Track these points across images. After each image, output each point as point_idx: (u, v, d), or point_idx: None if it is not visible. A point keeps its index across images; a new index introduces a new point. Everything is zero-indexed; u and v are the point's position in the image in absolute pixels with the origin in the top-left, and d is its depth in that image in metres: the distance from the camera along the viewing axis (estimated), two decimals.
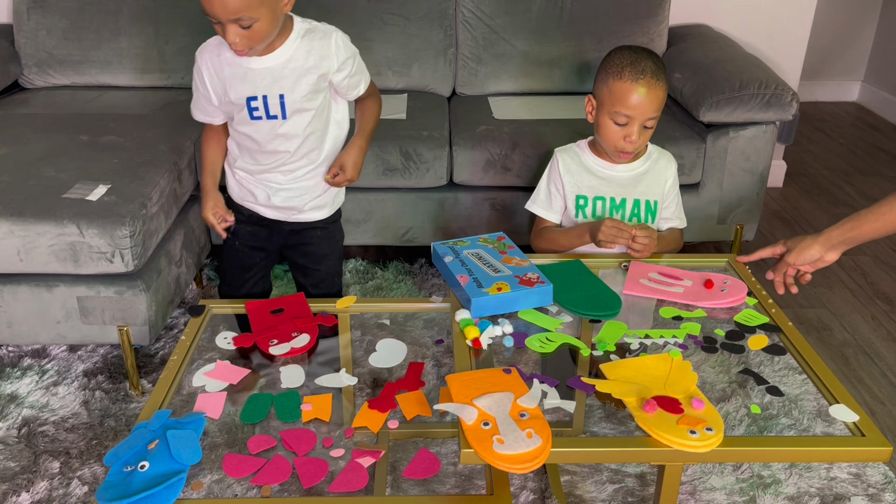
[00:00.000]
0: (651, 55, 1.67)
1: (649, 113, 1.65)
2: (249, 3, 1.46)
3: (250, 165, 1.74)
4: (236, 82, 1.62)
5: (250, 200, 1.78)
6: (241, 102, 1.63)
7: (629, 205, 1.77)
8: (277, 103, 1.63)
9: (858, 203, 3.18)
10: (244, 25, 1.48)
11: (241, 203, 1.80)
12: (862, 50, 4.36)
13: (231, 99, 1.64)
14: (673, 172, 1.83)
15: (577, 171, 1.79)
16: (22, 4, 2.65)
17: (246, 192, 1.78)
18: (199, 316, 1.55)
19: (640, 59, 1.65)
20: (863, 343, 2.29)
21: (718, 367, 1.36)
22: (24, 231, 1.80)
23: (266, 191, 1.75)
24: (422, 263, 2.61)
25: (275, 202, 1.76)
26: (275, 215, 1.79)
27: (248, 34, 1.50)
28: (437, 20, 2.71)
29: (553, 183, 1.82)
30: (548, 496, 1.69)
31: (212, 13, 1.47)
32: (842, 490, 1.71)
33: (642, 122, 1.66)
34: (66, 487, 1.70)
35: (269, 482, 1.18)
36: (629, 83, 1.63)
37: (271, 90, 1.62)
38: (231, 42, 1.51)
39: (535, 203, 1.86)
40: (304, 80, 1.63)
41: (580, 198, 1.78)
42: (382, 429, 1.31)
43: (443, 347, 1.52)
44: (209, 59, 1.64)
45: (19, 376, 2.04)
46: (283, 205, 1.76)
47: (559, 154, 1.81)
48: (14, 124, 2.33)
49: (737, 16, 2.95)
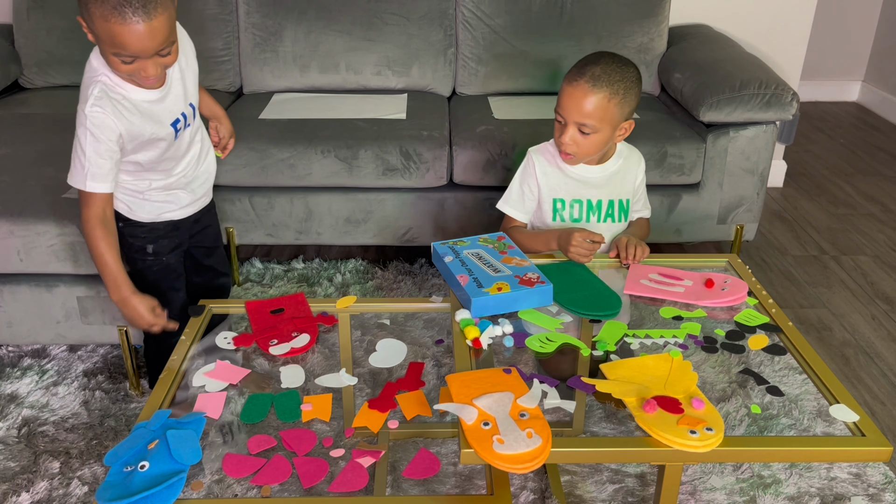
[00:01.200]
0: (606, 61, 1.63)
1: (576, 116, 1.62)
2: (171, 28, 1.40)
3: (166, 181, 1.67)
4: (153, 119, 1.54)
5: (169, 210, 1.71)
6: (167, 132, 1.57)
7: (604, 205, 1.77)
8: (191, 113, 1.63)
9: (858, 203, 3.19)
10: (164, 54, 1.43)
11: (158, 220, 1.71)
12: (862, 50, 4.36)
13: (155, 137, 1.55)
14: (642, 168, 1.83)
15: (553, 174, 1.77)
16: (22, 4, 2.66)
17: (162, 206, 1.69)
18: (199, 316, 1.55)
19: (589, 64, 1.63)
20: (863, 343, 2.29)
21: (718, 367, 1.36)
22: (24, 231, 1.80)
23: (186, 190, 1.71)
24: (422, 263, 2.61)
25: (196, 195, 1.74)
26: (189, 211, 1.75)
27: (166, 62, 1.45)
28: (437, 20, 2.71)
29: (527, 184, 1.80)
30: (548, 496, 1.69)
31: (138, 50, 1.38)
32: (842, 490, 1.71)
33: (576, 126, 1.64)
34: (66, 487, 1.70)
35: (269, 482, 1.18)
36: (565, 84, 1.63)
37: (183, 106, 1.60)
38: (151, 76, 1.43)
39: (507, 203, 1.84)
40: (194, 79, 1.64)
41: (557, 201, 1.77)
42: (382, 429, 1.31)
43: (443, 347, 1.52)
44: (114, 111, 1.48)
45: (19, 376, 2.04)
46: (199, 193, 1.75)
47: (535, 155, 1.79)
48: (14, 124, 2.33)
49: (737, 16, 2.95)
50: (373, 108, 2.56)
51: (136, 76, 1.45)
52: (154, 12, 1.34)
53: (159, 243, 1.73)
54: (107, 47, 1.40)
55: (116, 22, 1.33)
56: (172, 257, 1.77)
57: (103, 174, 1.51)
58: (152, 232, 1.71)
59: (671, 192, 2.42)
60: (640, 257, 1.64)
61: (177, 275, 1.80)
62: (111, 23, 1.33)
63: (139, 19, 1.33)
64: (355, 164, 2.31)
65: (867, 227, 2.99)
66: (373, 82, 2.74)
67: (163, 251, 1.74)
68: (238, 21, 2.71)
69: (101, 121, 1.47)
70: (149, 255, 1.72)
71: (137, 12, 1.32)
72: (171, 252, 1.76)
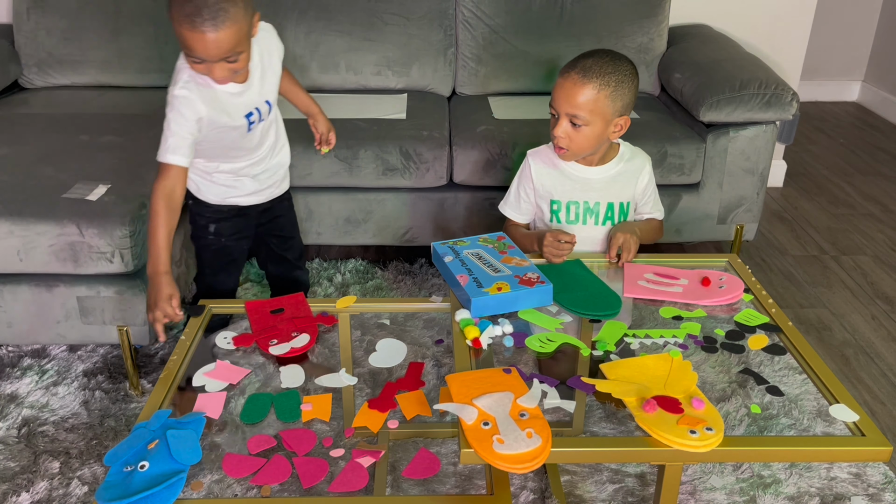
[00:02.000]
0: (604, 57, 1.63)
1: (567, 108, 1.63)
2: (238, 40, 1.50)
3: (234, 165, 1.77)
4: (230, 110, 1.64)
5: (233, 195, 1.81)
6: (240, 123, 1.67)
7: (603, 208, 1.77)
8: (266, 109, 1.73)
9: (858, 203, 3.19)
10: (231, 61, 1.52)
11: (223, 203, 1.82)
12: (862, 50, 4.36)
13: (228, 125, 1.65)
14: (648, 171, 1.81)
15: (551, 175, 1.78)
16: (22, 4, 2.65)
17: (228, 190, 1.80)
18: (199, 316, 1.55)
19: (582, 58, 1.64)
20: (863, 343, 2.29)
21: (718, 367, 1.36)
22: (24, 231, 1.80)
23: (251, 179, 1.80)
24: (422, 263, 2.61)
25: (262, 185, 1.83)
26: (254, 200, 1.85)
27: (234, 67, 1.54)
28: (437, 20, 2.71)
29: (523, 187, 1.81)
30: (548, 496, 1.69)
31: (204, 55, 1.49)
32: (842, 490, 1.71)
33: (568, 118, 1.64)
34: (66, 487, 1.70)
35: (269, 482, 1.18)
36: (560, 77, 1.65)
37: (259, 101, 1.70)
38: (218, 78, 1.54)
39: (506, 204, 1.87)
40: (275, 77, 1.74)
41: (554, 202, 1.78)
42: (382, 429, 1.31)
43: (443, 347, 1.52)
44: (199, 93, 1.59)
45: (19, 376, 2.04)
46: (266, 184, 1.84)
47: (531, 158, 1.80)
48: (14, 124, 2.33)
49: (737, 16, 2.95)
50: (373, 108, 2.56)
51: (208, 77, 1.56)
52: (222, 25, 1.45)
53: (221, 224, 1.84)
54: (181, 46, 1.52)
55: (186, 28, 1.45)
56: (232, 241, 1.87)
57: (181, 147, 1.60)
58: (217, 213, 1.82)
59: (671, 192, 2.42)
60: (625, 259, 1.65)
61: (231, 259, 1.91)
62: (182, 27, 1.46)
63: (207, 29, 1.45)
64: (355, 164, 2.31)
65: (867, 227, 2.99)
66: (373, 82, 2.74)
67: (223, 233, 1.86)
68: None
69: (187, 101, 1.58)
70: (210, 233, 1.84)
71: (206, 23, 1.44)
72: (232, 236, 1.87)
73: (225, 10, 1.44)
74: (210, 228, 1.85)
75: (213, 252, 1.89)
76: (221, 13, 1.44)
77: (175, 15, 1.46)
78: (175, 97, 1.59)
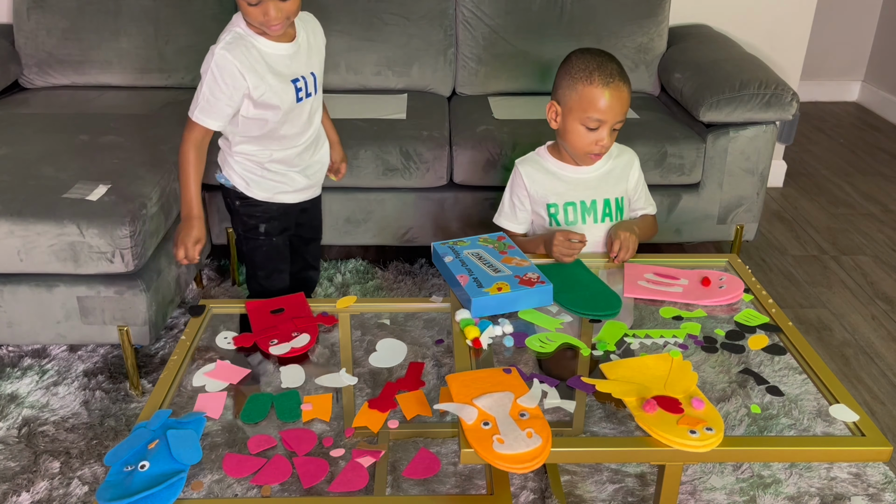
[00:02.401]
0: (612, 58, 1.67)
1: (619, 116, 1.65)
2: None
3: (285, 153, 1.76)
4: (279, 69, 1.65)
5: (283, 190, 1.80)
6: (289, 88, 1.67)
7: (600, 205, 1.77)
8: (312, 81, 1.73)
9: (858, 203, 3.19)
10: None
11: (272, 200, 1.80)
12: (862, 50, 4.36)
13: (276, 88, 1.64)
14: (637, 166, 1.82)
15: (543, 180, 1.77)
16: (22, 4, 2.65)
17: (277, 185, 1.78)
18: (199, 316, 1.56)
19: (605, 63, 1.64)
20: (863, 343, 2.29)
21: (718, 367, 1.36)
22: (24, 231, 1.80)
23: (302, 173, 1.81)
24: (422, 263, 2.61)
25: (310, 181, 1.84)
26: (300, 197, 1.85)
27: (286, 7, 1.56)
28: (437, 20, 2.71)
29: (516, 195, 1.80)
30: (548, 496, 1.69)
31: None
32: (842, 490, 1.71)
33: (612, 125, 1.65)
34: (66, 487, 1.70)
35: (269, 482, 1.18)
36: (600, 88, 1.62)
37: (306, 71, 1.71)
38: (271, 18, 1.55)
39: (500, 216, 1.86)
40: (319, 57, 1.77)
41: (550, 206, 1.77)
42: (382, 429, 1.31)
43: (443, 347, 1.52)
44: (242, 57, 1.59)
45: (19, 376, 2.04)
46: (313, 180, 1.86)
47: (521, 166, 1.80)
48: (14, 124, 2.33)
49: (737, 16, 2.95)
50: (373, 108, 2.56)
51: (262, 22, 1.57)
52: None
53: (271, 224, 1.83)
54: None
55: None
56: (281, 239, 1.88)
57: (213, 111, 1.62)
58: (266, 212, 1.81)
59: (671, 192, 2.42)
60: (623, 257, 1.65)
61: (282, 257, 1.91)
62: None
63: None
64: (355, 164, 2.31)
65: (867, 227, 2.99)
66: (373, 82, 2.74)
67: (273, 232, 1.85)
68: None
69: (225, 64, 1.59)
70: (261, 234, 1.83)
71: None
72: (280, 234, 1.87)
73: None
74: (260, 228, 1.83)
75: (264, 253, 1.87)
76: None
77: None
78: (214, 56, 1.59)
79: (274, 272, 1.91)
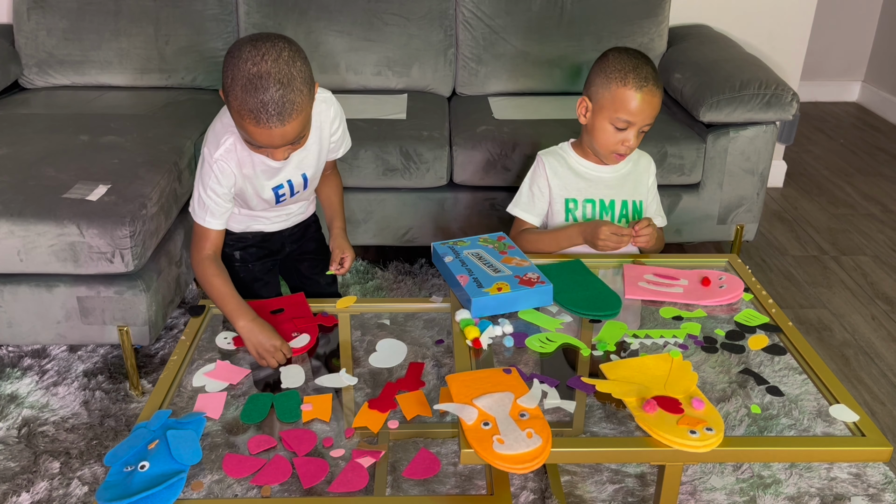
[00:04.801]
0: (648, 60, 1.68)
1: (648, 119, 1.66)
2: (304, 126, 1.40)
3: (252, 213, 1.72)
4: (262, 179, 1.58)
5: (256, 225, 1.75)
6: (268, 195, 1.61)
7: (618, 206, 1.77)
8: (301, 182, 1.64)
9: (858, 203, 3.19)
10: (296, 142, 1.43)
11: (247, 231, 1.75)
12: (862, 50, 4.36)
13: (259, 195, 1.60)
14: (653, 172, 1.84)
15: (565, 174, 1.78)
16: (22, 4, 2.66)
17: (250, 221, 1.73)
18: (199, 316, 1.56)
19: (641, 65, 1.65)
20: (863, 343, 2.29)
21: (718, 367, 1.36)
22: (24, 231, 1.80)
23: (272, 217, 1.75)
24: (422, 263, 2.61)
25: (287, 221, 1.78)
26: (279, 226, 1.78)
27: (297, 147, 1.46)
28: (437, 20, 2.71)
29: (537, 185, 1.80)
30: (548, 496, 1.69)
31: (268, 144, 1.39)
32: (842, 490, 1.71)
33: (640, 128, 1.67)
34: (66, 487, 1.70)
35: (269, 482, 1.18)
36: (633, 90, 1.63)
37: (296, 173, 1.62)
38: (279, 159, 1.44)
39: (517, 206, 1.83)
40: (319, 149, 1.63)
41: (569, 201, 1.78)
42: (382, 429, 1.31)
43: (443, 347, 1.52)
44: (233, 166, 1.53)
45: (19, 376, 2.04)
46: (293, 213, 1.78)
47: (544, 157, 1.80)
48: (14, 124, 2.33)
49: (737, 16, 2.95)
50: (373, 109, 2.56)
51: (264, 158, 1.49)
52: (289, 118, 1.34)
53: (248, 251, 1.77)
54: (240, 131, 1.42)
55: (250, 122, 1.34)
56: (259, 265, 1.80)
57: (218, 213, 1.57)
58: (241, 241, 1.75)
59: (671, 192, 2.42)
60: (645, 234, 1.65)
61: (262, 283, 1.82)
62: (245, 120, 1.35)
63: (273, 125, 1.33)
64: (355, 164, 2.31)
65: (867, 227, 2.99)
66: (373, 82, 2.74)
67: (250, 259, 1.78)
68: (238, 21, 2.71)
69: (226, 170, 1.52)
70: (236, 260, 1.76)
71: (272, 119, 1.32)
72: (259, 260, 1.80)
73: (291, 102, 1.33)
74: (236, 256, 1.76)
75: (241, 279, 1.76)
76: (288, 106, 1.32)
77: (235, 105, 1.34)
78: (216, 162, 1.51)
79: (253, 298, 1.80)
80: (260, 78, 1.30)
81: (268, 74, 1.30)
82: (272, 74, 1.30)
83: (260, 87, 1.30)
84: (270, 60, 1.31)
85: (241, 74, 1.31)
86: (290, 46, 1.35)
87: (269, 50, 1.32)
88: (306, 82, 1.36)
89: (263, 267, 1.82)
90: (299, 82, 1.34)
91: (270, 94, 1.30)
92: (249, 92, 1.31)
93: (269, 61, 1.31)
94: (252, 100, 1.31)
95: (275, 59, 1.31)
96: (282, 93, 1.31)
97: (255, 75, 1.30)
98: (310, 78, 1.38)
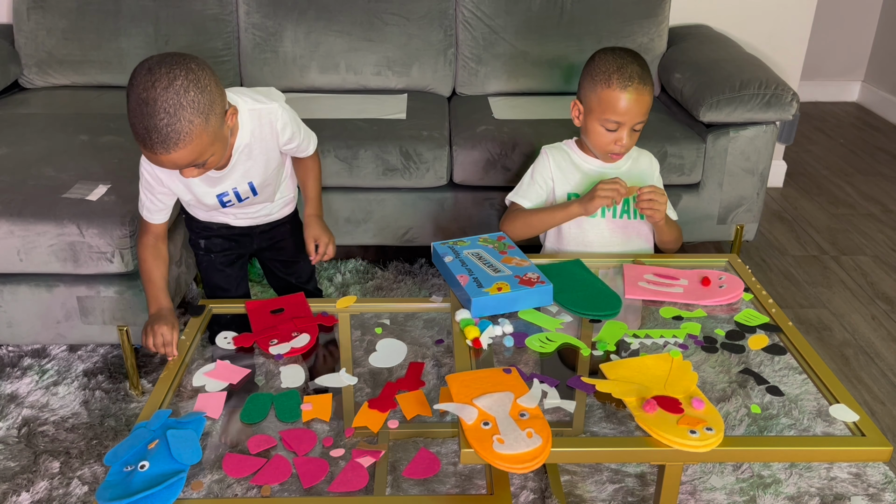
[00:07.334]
0: (636, 58, 1.67)
1: (638, 118, 1.66)
2: (199, 152, 1.37)
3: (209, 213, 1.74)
4: (203, 186, 1.58)
5: (221, 218, 1.75)
6: (212, 202, 1.63)
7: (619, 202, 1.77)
8: (248, 189, 1.64)
9: (858, 203, 3.19)
10: (199, 165, 1.41)
11: (211, 220, 1.76)
12: (862, 50, 4.36)
13: (200, 200, 1.61)
14: (657, 169, 1.85)
15: (568, 169, 1.79)
16: (22, 4, 2.66)
17: (213, 212, 1.73)
18: (199, 316, 1.56)
19: (626, 65, 1.64)
20: (863, 343, 2.29)
21: (718, 367, 1.36)
22: (24, 231, 1.80)
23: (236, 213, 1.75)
24: (422, 263, 2.61)
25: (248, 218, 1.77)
26: (246, 223, 1.78)
27: (204, 169, 1.44)
28: (437, 20, 2.71)
29: (541, 176, 1.80)
30: (548, 496, 1.69)
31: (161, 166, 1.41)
32: (842, 490, 1.71)
33: (632, 126, 1.67)
34: (66, 487, 1.70)
35: (269, 482, 1.18)
36: (618, 90, 1.62)
37: (240, 182, 1.61)
38: (188, 176, 1.43)
39: (515, 194, 1.83)
40: (266, 159, 1.62)
41: (571, 195, 1.78)
42: (382, 429, 1.31)
43: (443, 347, 1.52)
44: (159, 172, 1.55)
45: (19, 376, 2.04)
46: (255, 216, 1.78)
47: (549, 151, 1.81)
48: (14, 124, 2.33)
49: (737, 16, 2.95)
50: (373, 109, 2.56)
51: None
52: (174, 147, 1.32)
53: (212, 241, 1.80)
54: None
55: (140, 144, 1.35)
56: (222, 257, 1.82)
57: (156, 209, 1.61)
58: (207, 230, 1.78)
59: (671, 192, 2.40)
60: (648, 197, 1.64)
61: (224, 274, 1.84)
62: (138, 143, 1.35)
63: (159, 152, 1.33)
64: (355, 164, 2.31)
65: (867, 227, 2.99)
66: (373, 82, 2.74)
67: (213, 248, 1.81)
68: (238, 21, 2.71)
69: (153, 174, 1.56)
70: (201, 248, 1.81)
71: (157, 146, 1.32)
72: (223, 252, 1.81)
73: (177, 132, 1.31)
74: (201, 244, 1.79)
75: (204, 268, 1.84)
76: (173, 136, 1.31)
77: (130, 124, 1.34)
78: (143, 167, 1.56)
79: (217, 290, 1.85)
80: (146, 104, 1.29)
81: (154, 101, 1.29)
82: (158, 102, 1.29)
83: (146, 114, 1.29)
84: (160, 88, 1.29)
85: (133, 97, 1.31)
86: (188, 74, 1.32)
87: (162, 77, 1.30)
88: (200, 112, 1.33)
89: (226, 259, 1.83)
90: (189, 112, 1.31)
91: (154, 122, 1.29)
92: (137, 116, 1.31)
93: (159, 89, 1.29)
94: (139, 124, 1.31)
95: (165, 87, 1.29)
96: (166, 122, 1.29)
97: (143, 101, 1.29)
98: (206, 107, 1.34)
